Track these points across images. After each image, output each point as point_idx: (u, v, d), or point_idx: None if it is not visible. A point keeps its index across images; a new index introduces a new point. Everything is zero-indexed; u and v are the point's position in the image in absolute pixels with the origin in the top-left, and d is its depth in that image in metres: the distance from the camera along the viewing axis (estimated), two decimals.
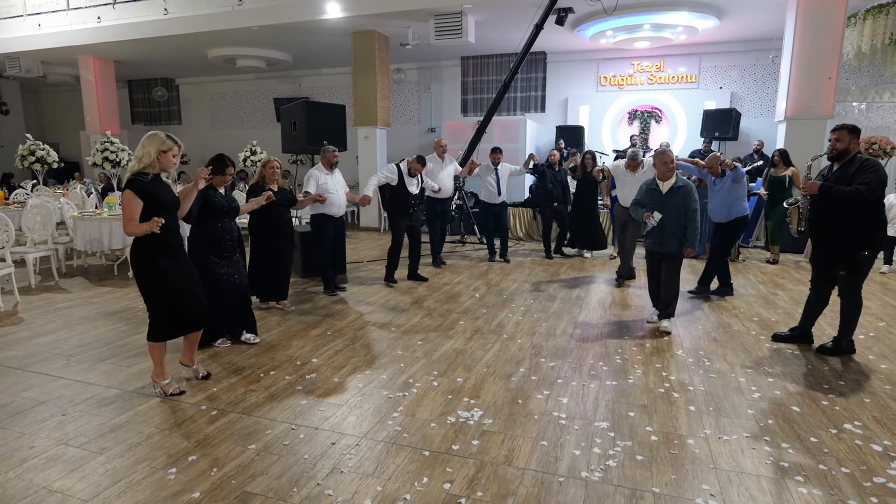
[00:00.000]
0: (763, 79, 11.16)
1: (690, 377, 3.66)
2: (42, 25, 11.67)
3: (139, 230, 3.04)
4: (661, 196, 4.51)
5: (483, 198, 7.65)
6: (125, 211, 3.05)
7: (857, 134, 3.80)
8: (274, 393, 3.38)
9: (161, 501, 2.30)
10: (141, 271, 3.15)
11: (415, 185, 6.18)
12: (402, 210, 6.14)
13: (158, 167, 3.12)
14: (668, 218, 4.44)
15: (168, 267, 3.14)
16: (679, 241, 4.46)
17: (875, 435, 2.90)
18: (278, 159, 5.04)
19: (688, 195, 4.45)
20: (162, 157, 3.10)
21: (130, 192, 3.04)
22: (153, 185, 3.11)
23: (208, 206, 3.89)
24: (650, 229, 4.51)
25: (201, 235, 3.94)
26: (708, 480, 2.48)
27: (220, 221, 3.97)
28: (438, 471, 2.54)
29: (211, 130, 15.47)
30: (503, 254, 7.75)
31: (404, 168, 6.12)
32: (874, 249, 3.81)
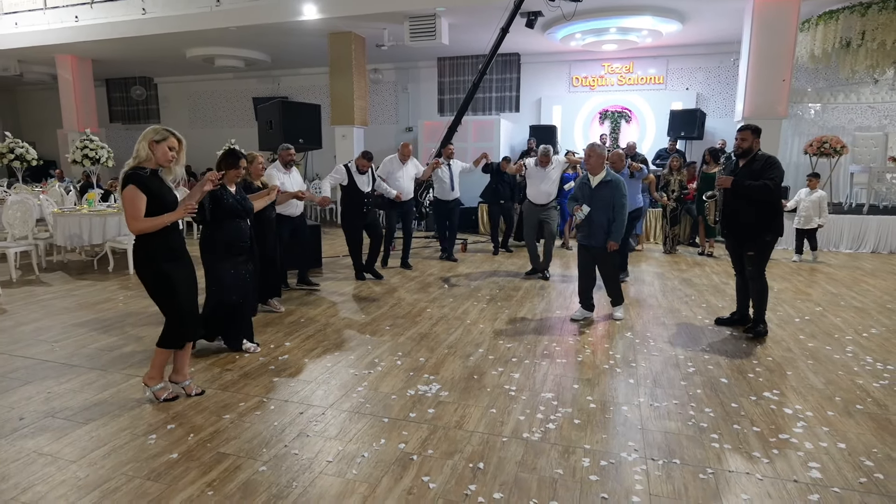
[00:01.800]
0: (726, 80, 11.62)
1: (635, 356, 4.00)
2: (19, 24, 11.68)
3: (152, 224, 2.87)
4: (591, 189, 4.62)
5: (436, 194, 7.66)
6: (128, 208, 2.84)
7: (758, 134, 4.27)
8: (248, 372, 3.64)
9: (143, 461, 2.55)
10: (148, 278, 3.00)
11: (366, 184, 6.05)
12: (355, 210, 6.06)
13: (154, 161, 2.92)
14: (597, 211, 4.54)
15: (173, 270, 3.00)
16: (608, 234, 4.55)
17: (789, 401, 3.26)
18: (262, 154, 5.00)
19: (615, 189, 4.52)
20: (155, 148, 2.89)
21: (133, 187, 2.84)
22: (152, 180, 2.92)
23: (219, 206, 3.69)
24: (579, 222, 4.68)
25: (213, 237, 3.76)
26: (634, 439, 2.81)
27: (233, 222, 3.77)
28: (395, 434, 2.83)
29: (190, 129, 15.52)
30: (449, 252, 7.75)
31: (353, 167, 6.04)
32: (776, 233, 4.28)
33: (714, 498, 2.31)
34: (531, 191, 6.49)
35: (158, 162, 2.93)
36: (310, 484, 2.39)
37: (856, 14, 8.59)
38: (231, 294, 3.83)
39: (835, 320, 4.90)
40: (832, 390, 3.41)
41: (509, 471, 2.50)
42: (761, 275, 4.38)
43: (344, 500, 2.28)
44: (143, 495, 2.30)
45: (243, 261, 3.87)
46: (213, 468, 2.50)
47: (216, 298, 3.84)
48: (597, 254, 4.69)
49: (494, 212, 8.33)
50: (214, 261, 3.79)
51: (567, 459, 2.60)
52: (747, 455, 2.65)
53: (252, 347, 4.03)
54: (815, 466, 2.54)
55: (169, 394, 3.19)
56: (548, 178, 6.37)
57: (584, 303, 4.87)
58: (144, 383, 3.19)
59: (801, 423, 2.98)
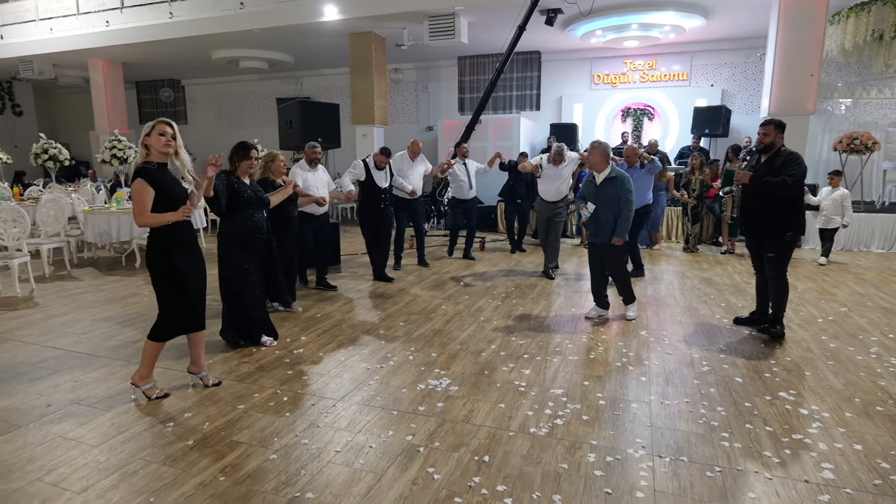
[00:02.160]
0: (753, 76, 11.38)
1: (648, 354, 3.97)
2: (54, 29, 12.09)
3: (157, 220, 2.92)
4: (595, 187, 4.60)
5: (453, 193, 7.60)
6: (136, 201, 2.90)
7: (782, 129, 4.15)
8: (263, 364, 3.73)
9: (160, 447, 2.65)
10: (158, 271, 3.03)
11: (383, 179, 6.05)
12: (373, 205, 6.02)
13: (156, 153, 2.96)
14: (602, 208, 4.52)
15: (185, 265, 3.05)
16: (614, 231, 4.50)
17: (805, 402, 3.20)
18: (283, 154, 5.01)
19: (619, 185, 4.48)
20: (148, 140, 2.94)
21: (141, 181, 2.88)
22: (160, 173, 2.97)
23: (235, 196, 3.71)
24: (585, 220, 4.67)
25: (230, 228, 3.80)
26: (642, 435, 2.80)
27: (246, 212, 3.79)
28: (403, 426, 2.87)
29: (216, 130, 15.87)
30: (466, 252, 7.69)
31: (371, 162, 6.03)
32: (797, 232, 4.16)
33: (720, 496, 2.30)
34: (542, 188, 6.45)
35: (159, 151, 2.95)
36: (317, 472, 2.45)
37: (889, 6, 8.33)
38: (252, 289, 3.89)
39: (860, 321, 4.77)
40: (852, 391, 3.33)
41: (514, 464, 2.52)
42: (782, 275, 4.26)
43: (350, 489, 2.33)
44: (158, 479, 2.39)
45: (258, 254, 3.91)
46: (226, 455, 2.58)
47: (236, 294, 3.88)
48: (604, 251, 4.65)
49: (511, 210, 8.32)
50: (233, 254, 3.82)
51: (573, 455, 2.61)
52: (758, 454, 2.61)
53: (269, 341, 4.08)
54: (828, 467, 2.50)
55: (160, 392, 3.20)
56: (560, 176, 6.34)
57: (599, 301, 4.84)
58: (133, 384, 3.14)
59: (816, 423, 2.92)
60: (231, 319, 4.00)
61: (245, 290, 3.88)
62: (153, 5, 10.96)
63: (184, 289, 3.06)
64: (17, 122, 16.49)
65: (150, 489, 2.32)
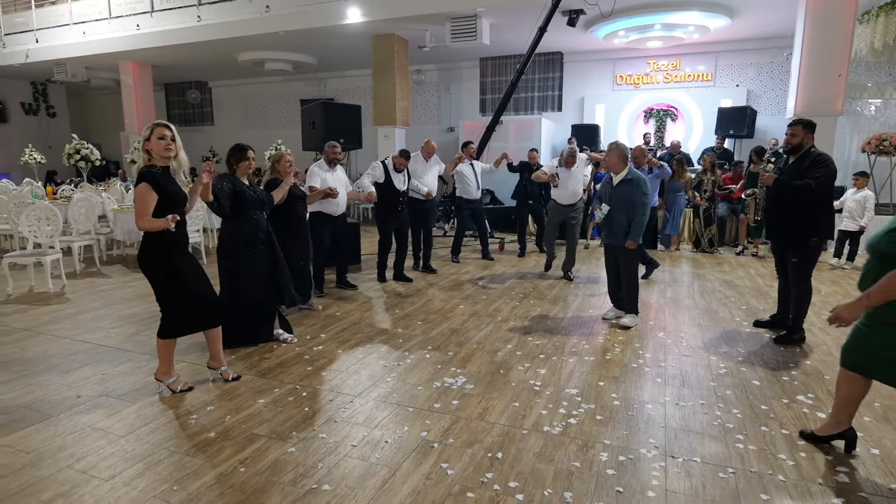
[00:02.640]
0: (780, 76, 11.17)
1: (665, 355, 3.96)
2: (86, 33, 12.48)
3: (154, 225, 2.94)
4: (611, 188, 4.58)
5: (460, 193, 7.50)
6: (139, 205, 2.94)
7: (811, 129, 4.02)
8: (284, 361, 3.82)
9: (183, 438, 2.75)
10: (154, 269, 3.08)
11: (402, 182, 6.04)
12: (390, 207, 6.02)
13: (158, 157, 2.99)
14: (616, 210, 4.49)
15: (177, 262, 3.09)
16: (628, 233, 4.46)
17: (824, 405, 3.16)
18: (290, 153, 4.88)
19: (635, 187, 4.43)
20: (149, 145, 2.97)
21: (146, 185, 2.93)
22: (164, 176, 3.02)
23: (242, 199, 3.77)
24: (599, 221, 4.65)
25: (232, 230, 3.83)
26: (656, 436, 2.81)
27: (248, 214, 3.82)
28: (418, 423, 2.93)
29: (242, 130, 16.17)
30: (485, 253, 7.68)
31: (390, 164, 6.00)
32: (822, 238, 4.04)
33: (732, 497, 2.30)
34: (557, 191, 6.37)
35: (159, 155, 2.97)
36: (334, 465, 2.52)
37: None
38: (253, 293, 3.88)
39: None
40: (872, 396, 3.26)
41: (527, 461, 2.55)
42: (805, 280, 4.17)
43: (365, 482, 2.39)
44: (182, 468, 2.48)
45: (262, 251, 3.90)
46: (246, 447, 2.67)
47: (235, 294, 3.84)
48: (617, 253, 4.62)
49: (522, 211, 8.22)
50: (235, 255, 3.82)
51: (585, 453, 2.63)
52: (772, 456, 2.60)
53: (287, 337, 4.16)
54: (844, 470, 2.48)
55: (184, 385, 3.29)
56: (573, 177, 6.29)
57: (616, 302, 4.84)
58: (157, 379, 3.25)
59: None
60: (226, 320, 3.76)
61: (248, 291, 3.86)
62: (182, 9, 11.24)
63: (183, 287, 3.11)
64: (50, 123, 17.04)
65: (174, 478, 2.41)
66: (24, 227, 5.94)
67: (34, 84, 16.50)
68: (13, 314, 4.98)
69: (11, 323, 4.71)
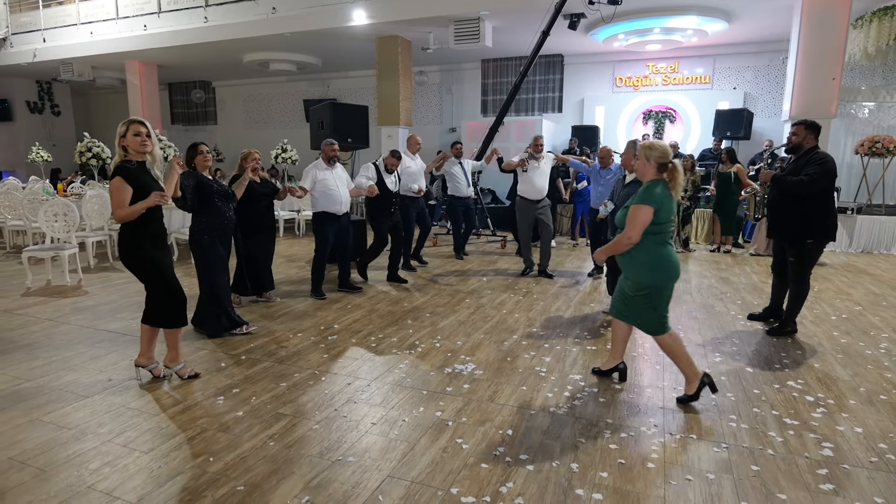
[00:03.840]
0: (776, 79, 11.39)
1: None
2: (94, 33, 12.64)
3: (134, 209, 3.03)
4: (622, 186, 4.60)
5: (451, 192, 7.52)
6: (114, 197, 3.03)
7: (814, 130, 4.14)
8: (301, 349, 4.01)
9: (213, 417, 2.94)
10: (132, 260, 3.19)
11: (394, 183, 6.02)
12: (384, 208, 5.95)
13: (134, 153, 3.10)
14: (621, 209, 4.63)
15: (157, 256, 3.20)
16: None
17: (812, 390, 3.36)
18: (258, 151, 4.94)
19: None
20: (125, 141, 3.07)
21: (119, 179, 3.02)
22: (140, 171, 3.11)
23: (206, 190, 4.04)
24: (603, 216, 4.75)
25: (203, 221, 4.08)
26: (655, 416, 3.00)
27: (216, 205, 4.08)
28: (433, 404, 3.12)
29: (245, 130, 16.34)
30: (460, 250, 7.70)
31: (381, 166, 5.98)
32: (820, 238, 4.13)
33: (726, 469, 2.49)
34: (525, 186, 6.31)
35: (135, 150, 3.08)
36: (357, 441, 2.71)
37: None
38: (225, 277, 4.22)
39: (873, 319, 4.89)
40: (858, 381, 3.49)
41: (535, 438, 2.75)
42: (803, 280, 4.26)
43: (386, 455, 2.58)
44: (215, 442, 2.67)
45: (226, 244, 4.20)
46: (273, 425, 2.86)
47: (213, 284, 4.12)
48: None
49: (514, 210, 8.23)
50: (207, 246, 4.07)
51: (589, 431, 2.83)
52: (763, 434, 2.80)
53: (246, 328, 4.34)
54: (829, 446, 2.68)
55: (166, 371, 3.42)
56: (541, 172, 6.32)
57: None
58: (138, 365, 3.37)
59: (821, 409, 3.10)
60: (210, 310, 4.18)
61: (221, 280, 4.18)
62: (189, 10, 11.41)
63: (163, 276, 3.22)
64: (55, 122, 17.19)
65: (209, 451, 2.60)
66: (42, 222, 6.12)
67: (39, 83, 16.63)
68: (35, 305, 5.16)
69: (35, 313, 4.89)
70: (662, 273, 3.07)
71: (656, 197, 3.01)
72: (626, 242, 3.07)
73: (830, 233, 4.14)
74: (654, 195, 3.02)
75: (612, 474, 2.44)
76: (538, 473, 2.44)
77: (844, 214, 8.52)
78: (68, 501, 2.21)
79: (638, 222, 3.01)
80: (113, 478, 2.38)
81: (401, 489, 2.31)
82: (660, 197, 3.01)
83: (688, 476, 2.43)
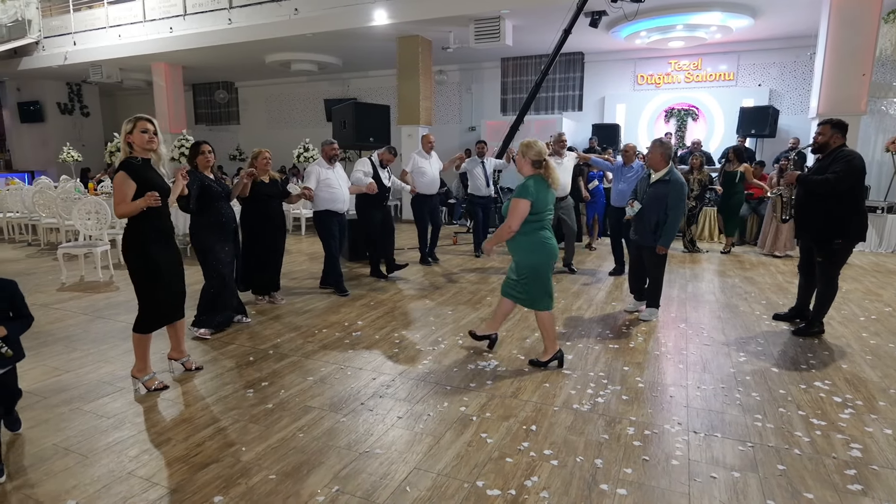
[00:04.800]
0: (803, 76, 11.19)
1: (686, 344, 4.14)
2: (122, 36, 12.95)
3: (133, 207, 2.97)
4: (647, 186, 4.57)
5: (471, 191, 7.57)
6: (117, 193, 2.98)
7: (840, 129, 4.07)
8: (326, 344, 4.09)
9: (244, 408, 3.02)
10: (133, 261, 3.11)
11: (387, 178, 6.14)
12: (375, 201, 6.02)
13: (139, 150, 3.04)
14: (647, 209, 4.46)
15: (159, 254, 3.12)
16: (654, 234, 4.45)
17: (840, 391, 3.33)
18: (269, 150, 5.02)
19: (671, 189, 4.36)
20: (132, 138, 3.02)
21: (122, 174, 2.97)
22: (145, 168, 3.06)
23: (209, 191, 4.06)
24: (629, 217, 4.69)
25: (204, 221, 4.10)
26: (678, 414, 3.01)
27: (217, 205, 4.12)
28: (457, 399, 3.17)
29: (267, 129, 16.58)
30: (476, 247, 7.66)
31: (376, 160, 6.09)
32: (850, 238, 4.05)
33: (751, 467, 2.50)
34: None
35: (141, 147, 3.02)
36: (383, 433, 2.77)
37: None
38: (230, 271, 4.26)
39: None
40: (888, 383, 3.44)
41: (559, 433, 2.78)
42: (830, 282, 4.20)
43: (412, 447, 2.64)
44: (246, 433, 2.76)
45: (231, 242, 4.26)
46: (302, 417, 2.93)
47: (219, 279, 4.19)
48: (643, 252, 4.66)
49: None
50: (212, 244, 4.13)
51: (613, 428, 2.85)
52: (789, 433, 2.79)
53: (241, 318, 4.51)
54: (857, 447, 2.66)
55: (159, 383, 3.26)
56: (564, 169, 6.29)
57: (636, 294, 4.99)
58: (133, 376, 3.27)
59: (849, 410, 3.07)
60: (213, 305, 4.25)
61: (225, 278, 4.22)
62: (214, 12, 11.62)
63: (161, 281, 3.14)
64: (84, 123, 17.63)
65: (241, 440, 2.69)
66: (76, 220, 6.31)
67: (70, 84, 17.08)
68: (70, 300, 5.34)
69: (71, 308, 5.06)
70: (539, 254, 3.51)
71: (531, 191, 3.39)
72: (507, 231, 3.47)
73: (860, 233, 4.06)
74: (529, 190, 3.39)
75: (636, 470, 2.46)
76: (562, 468, 2.47)
77: (874, 214, 8.35)
78: (110, 486, 2.31)
79: (517, 214, 3.41)
80: (151, 465, 2.47)
81: (428, 481, 2.36)
82: (535, 191, 3.40)
83: (713, 474, 2.44)
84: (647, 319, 4.73)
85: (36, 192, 8.76)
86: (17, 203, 9.15)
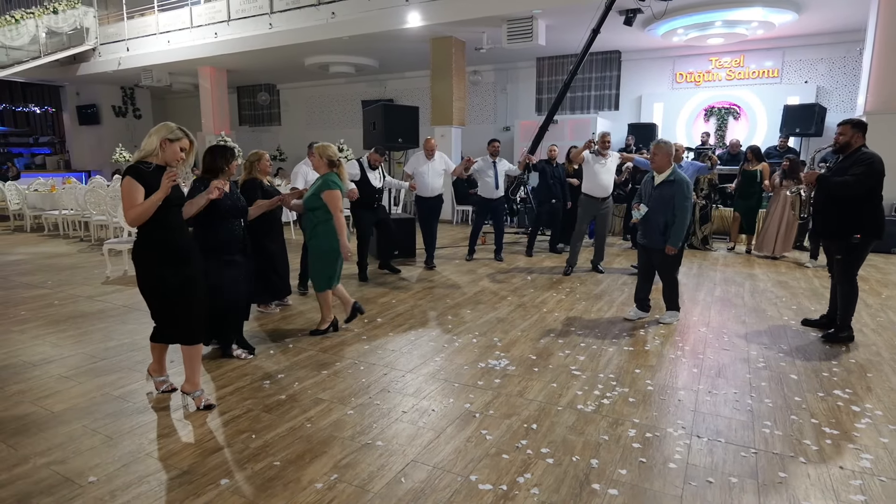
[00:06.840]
0: (853, 72, 10.68)
1: (704, 349, 4.08)
2: (171, 42, 13.56)
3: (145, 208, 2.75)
4: (652, 188, 4.52)
5: (480, 192, 7.48)
6: (125, 198, 2.78)
7: (861, 129, 4.02)
8: (344, 340, 4.23)
9: (259, 399, 3.18)
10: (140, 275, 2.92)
11: (377, 179, 6.06)
12: (365, 204, 5.97)
13: (162, 157, 2.84)
14: (654, 211, 4.43)
15: (169, 275, 2.87)
16: (664, 236, 4.41)
17: (860, 400, 3.23)
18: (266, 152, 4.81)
19: (678, 190, 4.32)
20: (167, 146, 2.82)
21: (130, 179, 2.77)
22: (154, 176, 2.80)
23: (216, 208, 3.42)
24: (636, 221, 4.61)
25: (205, 238, 3.46)
26: (684, 418, 2.99)
27: (227, 223, 3.57)
28: (463, 396, 3.24)
29: (307, 130, 16.99)
30: (497, 253, 7.52)
31: (365, 162, 6.02)
32: (868, 235, 3.99)
33: (751, 474, 2.47)
34: (590, 184, 6.36)
35: (166, 159, 2.84)
36: (387, 427, 2.86)
37: None
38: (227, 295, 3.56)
39: None
40: None
41: (559, 433, 2.81)
42: (849, 279, 4.14)
43: (413, 441, 2.72)
44: (258, 421, 2.91)
45: (237, 261, 3.62)
46: (311, 408, 3.06)
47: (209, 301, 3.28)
48: (652, 255, 4.60)
49: (544, 211, 7.91)
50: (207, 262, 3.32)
51: (614, 429, 2.85)
52: (797, 442, 2.74)
53: (243, 353, 3.82)
54: (868, 458, 2.59)
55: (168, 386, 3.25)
56: (608, 170, 6.29)
57: (640, 304, 4.81)
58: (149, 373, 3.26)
59: (866, 420, 2.97)
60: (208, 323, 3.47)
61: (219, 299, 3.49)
62: (256, 17, 12.03)
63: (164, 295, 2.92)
64: (137, 125, 18.52)
65: (252, 429, 2.84)
66: (121, 217, 6.68)
67: (123, 89, 17.99)
68: (113, 293, 5.68)
69: (112, 300, 5.39)
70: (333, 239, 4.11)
71: (338, 182, 4.11)
72: (341, 221, 4.09)
73: (878, 230, 4.03)
74: (336, 182, 4.10)
75: (631, 472, 2.47)
76: (557, 466, 2.50)
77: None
78: (129, 466, 2.49)
79: (339, 204, 4.07)
80: (168, 447, 2.65)
81: (423, 473, 2.44)
82: (337, 183, 4.10)
83: (709, 478, 2.42)
84: (668, 322, 4.67)
85: (88, 190, 9.30)
86: (71, 201, 9.74)
